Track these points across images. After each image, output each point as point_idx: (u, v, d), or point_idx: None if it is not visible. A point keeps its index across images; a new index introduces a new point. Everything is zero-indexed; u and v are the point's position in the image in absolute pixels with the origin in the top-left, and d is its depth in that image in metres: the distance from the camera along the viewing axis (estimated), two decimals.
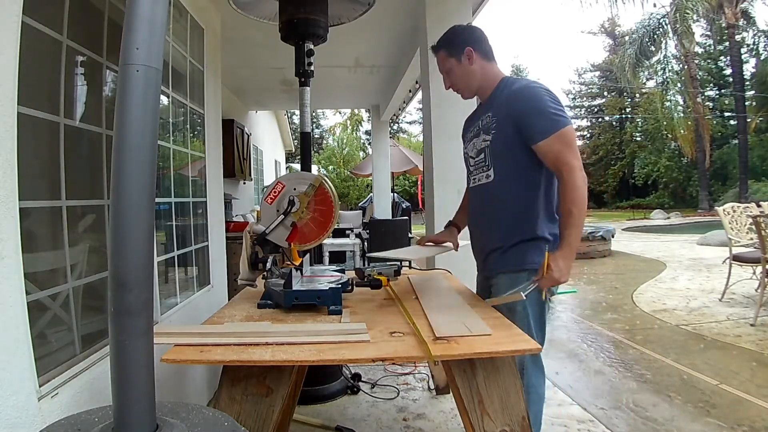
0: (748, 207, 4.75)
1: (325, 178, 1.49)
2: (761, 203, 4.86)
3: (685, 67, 19.25)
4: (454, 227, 1.81)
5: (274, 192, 1.46)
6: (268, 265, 1.52)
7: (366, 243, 4.61)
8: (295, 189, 1.45)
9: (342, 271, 1.73)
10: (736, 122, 19.42)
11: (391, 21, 3.41)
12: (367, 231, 4.76)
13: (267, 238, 1.46)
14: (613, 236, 8.47)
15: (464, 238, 1.78)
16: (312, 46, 1.63)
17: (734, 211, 4.65)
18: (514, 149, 1.44)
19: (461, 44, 1.53)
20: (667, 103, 19.42)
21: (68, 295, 1.28)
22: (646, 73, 21.15)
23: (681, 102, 19.59)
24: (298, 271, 1.61)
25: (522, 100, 1.43)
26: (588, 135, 29.22)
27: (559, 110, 1.39)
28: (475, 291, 1.68)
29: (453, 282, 1.81)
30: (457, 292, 1.61)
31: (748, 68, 19.77)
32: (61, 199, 1.26)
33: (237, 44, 3.58)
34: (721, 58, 21.60)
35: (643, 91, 23.75)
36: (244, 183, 6.48)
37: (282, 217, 1.44)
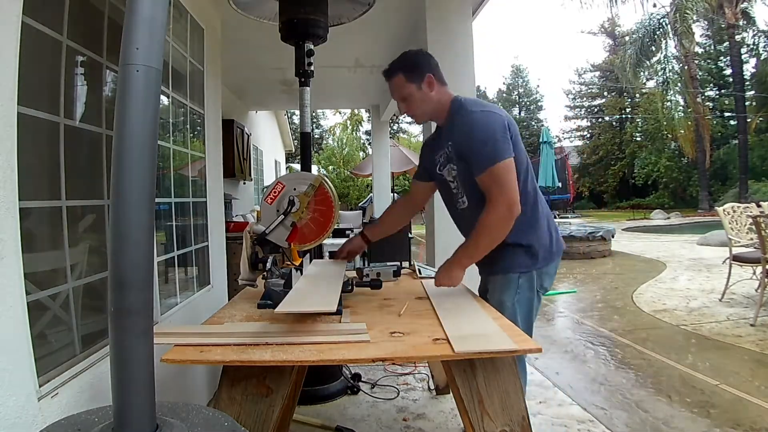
0: (748, 207, 4.75)
1: (325, 178, 1.49)
2: (761, 203, 4.85)
3: (685, 67, 19.24)
4: (363, 239, 1.83)
5: (274, 192, 1.46)
6: (268, 265, 1.52)
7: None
8: (295, 189, 1.45)
9: None
10: (736, 122, 19.40)
11: (391, 21, 3.40)
12: None
13: (267, 238, 1.46)
14: (613, 236, 8.47)
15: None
16: (312, 46, 1.63)
17: (734, 211, 4.65)
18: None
19: (422, 70, 1.54)
20: (667, 103, 19.42)
21: (68, 295, 1.28)
22: (646, 73, 21.13)
23: (681, 102, 19.58)
24: (298, 271, 1.61)
25: (464, 134, 1.48)
26: (588, 135, 29.23)
27: (492, 143, 1.42)
28: (475, 293, 1.69)
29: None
30: (471, 296, 1.61)
31: (748, 68, 19.77)
32: (61, 199, 1.26)
33: (237, 44, 3.57)
34: (721, 58, 21.58)
35: (643, 91, 23.73)
36: (244, 183, 6.48)
37: (282, 217, 1.44)
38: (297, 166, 14.46)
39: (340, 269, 1.59)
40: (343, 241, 2.04)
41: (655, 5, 18.15)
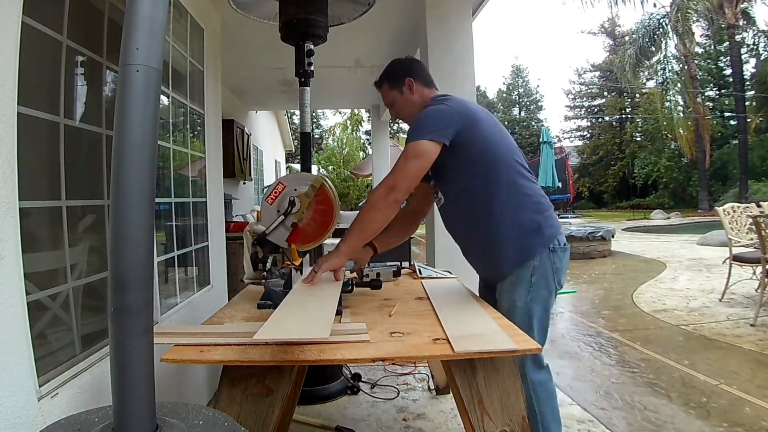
0: (748, 207, 4.74)
1: (326, 179, 1.49)
2: (761, 203, 4.85)
3: (685, 67, 19.23)
4: (370, 248, 1.71)
5: (275, 192, 1.45)
6: (268, 265, 1.52)
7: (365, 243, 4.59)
8: (295, 190, 1.45)
9: None
10: (736, 122, 19.39)
11: (391, 21, 3.40)
12: None
13: (267, 238, 1.46)
14: (613, 236, 8.46)
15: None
16: (312, 46, 1.63)
17: (734, 211, 4.65)
18: (448, 170, 1.50)
19: (401, 76, 1.60)
20: (667, 103, 19.40)
21: (68, 295, 1.28)
22: (646, 73, 21.14)
23: (681, 102, 19.56)
24: (298, 271, 1.61)
25: None
26: (588, 135, 29.23)
27: (422, 125, 1.41)
28: (474, 291, 1.68)
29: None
30: (471, 296, 1.60)
31: (748, 68, 19.76)
32: (61, 199, 1.26)
33: (237, 44, 3.58)
34: (721, 58, 21.57)
35: (643, 91, 23.73)
36: (244, 183, 6.48)
37: (282, 217, 1.44)
38: (297, 166, 14.46)
39: (336, 289, 1.39)
40: None
41: (655, 5, 18.15)
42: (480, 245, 1.56)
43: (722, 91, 21.78)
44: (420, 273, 2.02)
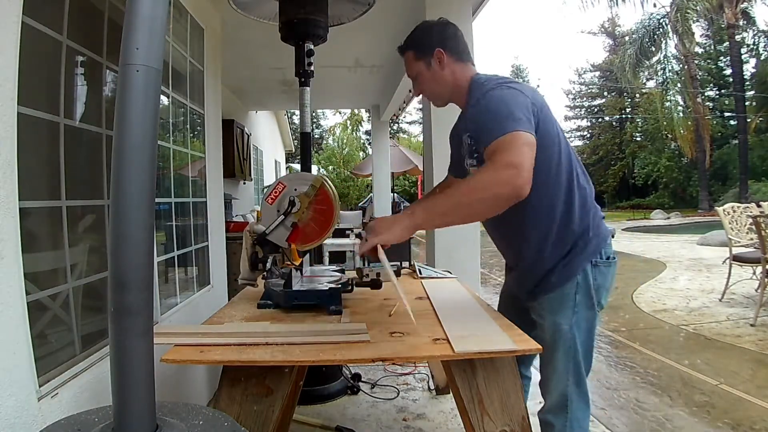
0: (748, 207, 4.75)
1: (326, 179, 1.49)
2: (761, 203, 4.86)
3: (685, 67, 19.25)
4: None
5: (275, 192, 1.46)
6: (268, 265, 1.52)
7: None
8: (296, 189, 1.45)
9: (342, 271, 1.73)
10: (736, 122, 19.41)
11: (391, 21, 3.40)
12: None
13: (267, 238, 1.46)
14: (613, 236, 8.37)
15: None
16: (312, 46, 1.63)
17: (734, 211, 4.65)
18: None
19: (430, 45, 1.33)
20: (667, 103, 19.43)
21: (68, 295, 1.28)
22: (646, 73, 21.16)
23: (681, 102, 19.59)
24: (298, 271, 1.61)
25: (479, 117, 1.21)
26: (588, 135, 29.24)
27: (506, 116, 1.13)
28: (475, 291, 1.68)
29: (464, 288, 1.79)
30: (471, 296, 1.59)
31: (748, 68, 19.81)
32: (61, 199, 1.26)
33: (237, 44, 3.58)
34: (721, 58, 21.59)
35: (643, 91, 23.75)
36: (244, 183, 6.48)
37: (282, 217, 1.44)
38: (297, 166, 14.45)
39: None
40: (343, 241, 2.03)
41: (655, 5, 18.16)
42: (518, 251, 1.37)
43: (722, 91, 21.80)
44: (420, 273, 2.02)
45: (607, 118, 27.92)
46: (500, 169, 1.06)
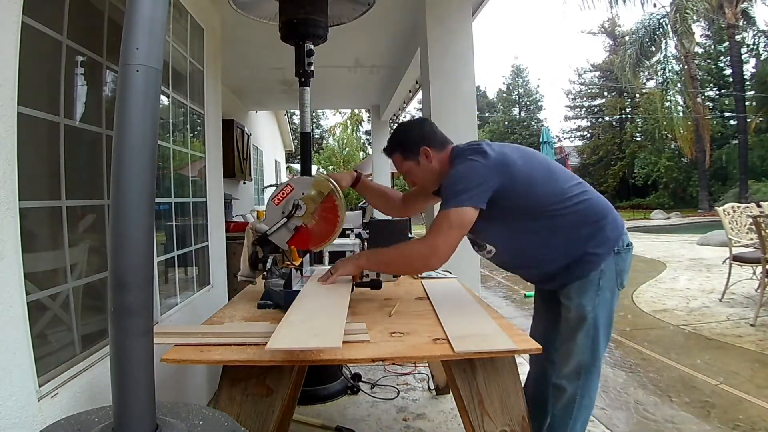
0: (748, 207, 4.74)
1: (337, 188, 1.47)
2: (761, 203, 4.85)
3: (685, 67, 19.23)
4: (355, 177, 1.69)
5: (282, 193, 1.46)
6: (268, 265, 1.52)
7: (366, 243, 4.60)
8: (303, 194, 1.45)
9: None
10: (736, 122, 19.41)
11: (391, 21, 3.40)
12: (367, 231, 4.76)
13: (269, 238, 1.46)
14: None
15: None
16: (312, 46, 1.63)
17: (734, 211, 4.65)
18: (494, 223, 1.41)
19: (415, 144, 1.48)
20: (667, 103, 19.40)
21: (68, 295, 1.28)
22: (646, 73, 21.15)
23: (681, 102, 19.57)
24: (298, 271, 1.61)
25: (445, 181, 1.40)
26: (588, 135, 29.23)
27: (460, 189, 1.31)
28: (474, 291, 1.68)
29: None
30: (471, 296, 1.60)
31: (748, 68, 19.78)
32: (61, 199, 1.26)
33: (237, 44, 3.58)
34: (721, 58, 21.58)
35: (643, 91, 23.72)
36: (244, 183, 6.48)
37: (285, 220, 1.44)
38: (297, 166, 14.45)
39: (346, 292, 1.40)
40: (344, 241, 2.03)
41: (655, 5, 18.15)
42: (544, 273, 1.50)
43: (722, 91, 21.79)
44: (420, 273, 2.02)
45: (607, 118, 27.90)
46: (423, 248, 1.35)
